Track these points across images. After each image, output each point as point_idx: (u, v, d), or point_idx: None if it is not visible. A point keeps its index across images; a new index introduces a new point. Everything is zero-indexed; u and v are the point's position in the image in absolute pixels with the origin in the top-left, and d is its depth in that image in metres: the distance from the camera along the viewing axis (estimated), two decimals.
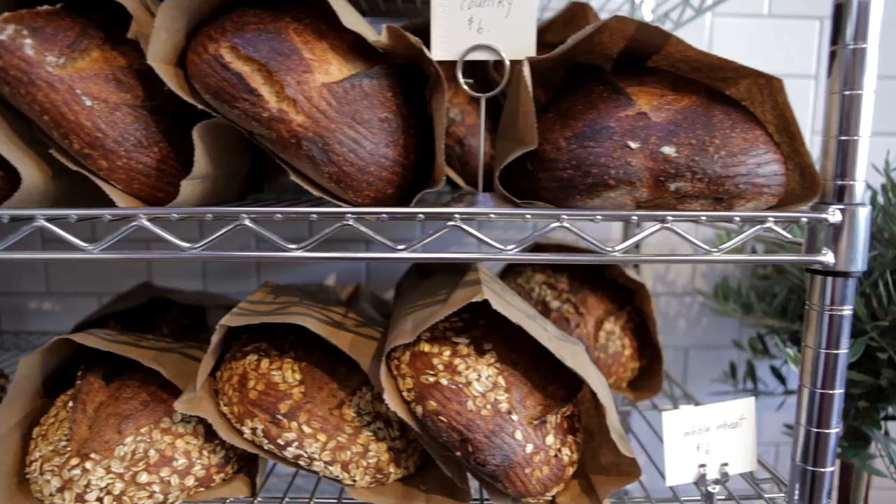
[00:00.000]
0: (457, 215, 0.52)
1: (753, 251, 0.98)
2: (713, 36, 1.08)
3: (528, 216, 0.52)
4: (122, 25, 0.58)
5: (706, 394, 1.16)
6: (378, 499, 0.60)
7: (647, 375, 0.88)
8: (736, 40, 1.09)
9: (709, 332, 1.16)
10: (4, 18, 0.54)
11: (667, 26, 0.97)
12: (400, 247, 0.52)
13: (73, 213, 0.53)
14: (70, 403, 0.64)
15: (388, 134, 0.54)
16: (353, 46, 0.56)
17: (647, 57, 0.60)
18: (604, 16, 0.94)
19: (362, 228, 0.52)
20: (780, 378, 0.97)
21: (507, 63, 0.55)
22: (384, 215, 0.52)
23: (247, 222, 0.52)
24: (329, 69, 0.53)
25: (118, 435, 0.61)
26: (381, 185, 0.55)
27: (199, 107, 0.53)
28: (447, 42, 0.55)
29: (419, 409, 0.57)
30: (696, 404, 0.90)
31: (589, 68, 0.60)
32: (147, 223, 0.53)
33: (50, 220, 0.53)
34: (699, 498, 0.64)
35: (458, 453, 0.56)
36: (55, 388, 0.69)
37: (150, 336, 0.74)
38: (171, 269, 1.14)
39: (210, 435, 0.64)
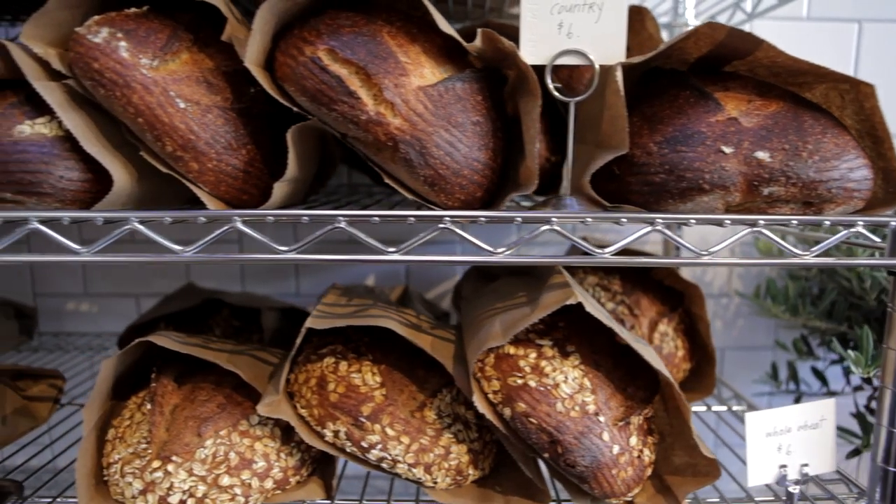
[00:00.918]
0: (553, 219, 0.52)
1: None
2: None
3: (624, 220, 0.53)
4: (208, 28, 0.58)
5: (747, 395, 1.17)
6: (456, 500, 0.61)
7: (696, 377, 0.89)
8: (774, 43, 1.09)
9: (745, 333, 1.17)
10: (97, 21, 0.54)
11: None
12: (500, 249, 0.52)
13: (167, 215, 0.53)
14: (148, 406, 0.63)
15: (480, 137, 0.55)
16: (442, 50, 0.56)
17: (725, 61, 0.60)
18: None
19: (458, 231, 0.52)
20: (823, 379, 0.98)
21: (597, 68, 0.55)
22: (482, 218, 0.52)
23: (343, 225, 0.52)
24: (423, 72, 0.53)
25: (198, 438, 0.61)
26: (472, 189, 0.55)
27: (295, 109, 0.53)
28: (536, 46, 0.55)
29: (507, 411, 0.57)
30: (750, 405, 0.91)
31: (670, 73, 0.60)
32: (241, 225, 0.53)
33: (142, 221, 0.53)
34: (772, 498, 0.65)
35: (547, 454, 0.57)
36: (121, 390, 0.69)
37: (215, 338, 0.74)
38: (210, 270, 1.14)
39: (286, 437, 0.64)
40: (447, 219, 0.52)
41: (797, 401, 0.99)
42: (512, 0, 0.94)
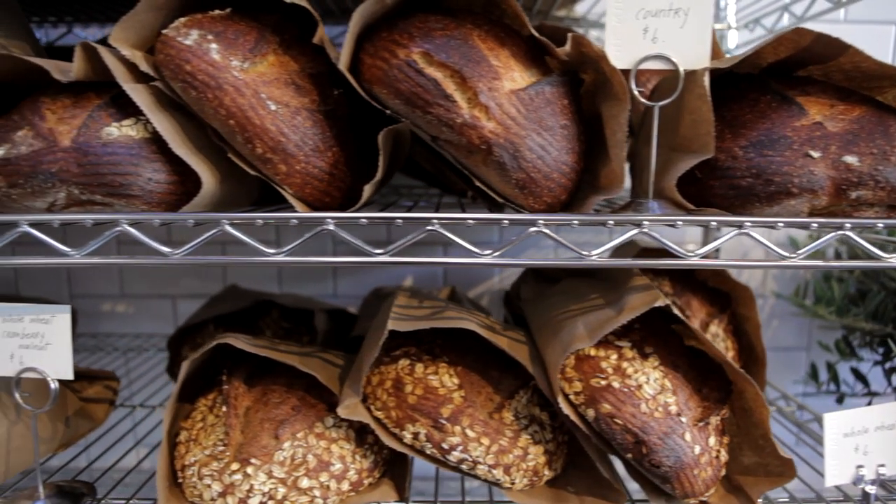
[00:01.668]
0: (646, 222, 0.52)
1: (837, 255, 1.00)
2: None
3: (714, 223, 0.53)
4: (293, 29, 0.58)
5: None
6: (532, 501, 0.61)
7: None
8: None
9: (779, 333, 1.18)
10: (184, 24, 0.54)
11: (758, 32, 0.99)
12: (594, 252, 0.52)
13: (259, 216, 0.53)
14: (224, 408, 0.63)
15: (568, 141, 0.55)
16: (528, 53, 0.56)
17: (800, 66, 0.61)
18: None
19: (552, 235, 0.52)
20: (864, 380, 0.99)
21: (682, 73, 0.55)
22: (575, 221, 0.52)
23: (437, 227, 0.52)
24: (513, 76, 0.54)
25: (275, 440, 0.61)
26: (559, 192, 0.55)
27: (387, 112, 0.53)
28: (621, 50, 0.56)
29: (590, 413, 0.58)
30: (800, 406, 0.91)
31: (746, 77, 0.61)
32: (333, 227, 0.53)
33: (233, 224, 0.53)
34: (841, 498, 0.65)
35: (630, 455, 0.57)
36: (185, 392, 0.69)
37: (278, 340, 0.74)
38: (247, 272, 1.13)
39: (360, 439, 0.64)
40: (541, 222, 0.52)
41: (839, 402, 1.00)
42: (561, 3, 0.94)
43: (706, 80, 0.54)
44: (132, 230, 0.53)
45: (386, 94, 0.53)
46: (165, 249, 0.53)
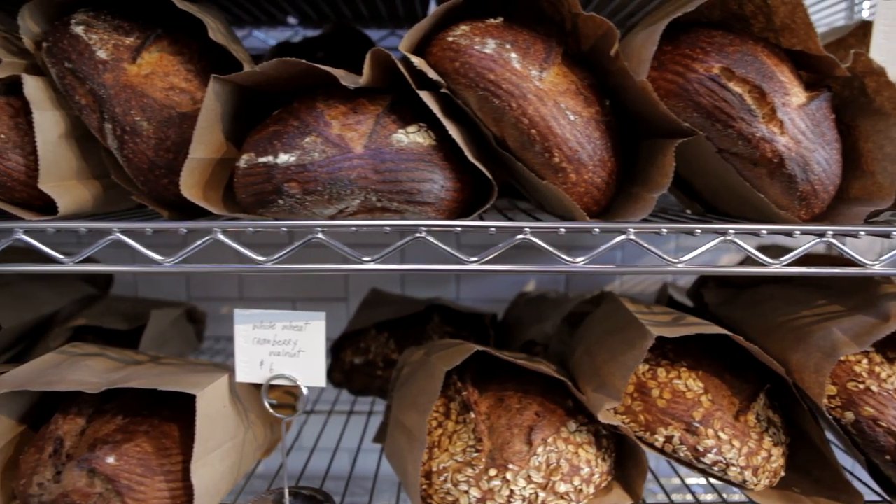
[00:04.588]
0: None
1: None
2: None
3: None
4: (566, 40, 0.59)
5: None
6: (770, 502, 0.63)
7: None
8: None
9: None
10: (473, 31, 0.54)
11: None
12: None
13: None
14: (470, 414, 0.64)
15: (839, 153, 0.57)
16: (794, 68, 0.58)
17: None
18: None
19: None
20: None
21: None
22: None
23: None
24: (797, 91, 0.55)
25: (528, 446, 0.62)
26: (826, 202, 0.58)
27: (686, 127, 0.54)
28: (889, 67, 0.58)
29: (848, 415, 0.60)
30: None
31: None
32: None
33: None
34: None
35: (888, 457, 0.59)
36: None
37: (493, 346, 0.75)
38: (369, 276, 1.13)
39: (598, 443, 0.65)
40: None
41: None
42: None
43: None
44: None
45: (683, 107, 0.54)
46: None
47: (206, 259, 0.54)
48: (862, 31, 0.87)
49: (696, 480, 1.02)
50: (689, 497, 0.96)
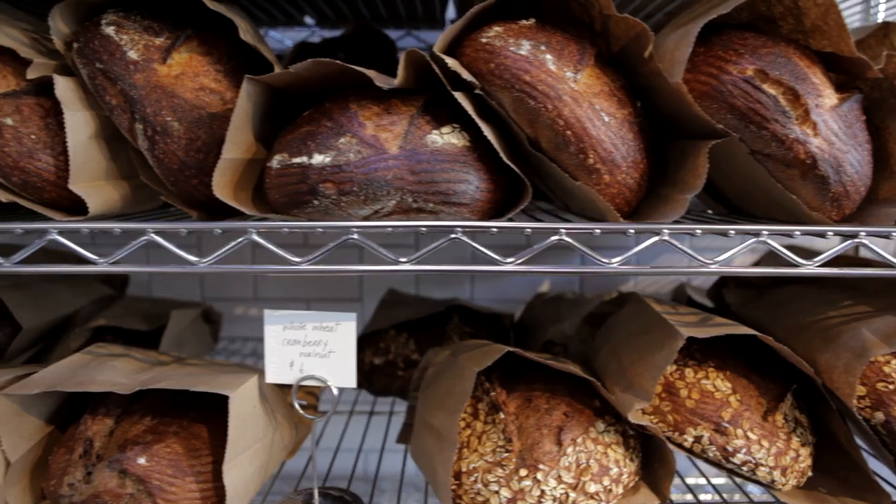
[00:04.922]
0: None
1: None
2: None
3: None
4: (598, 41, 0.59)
5: None
6: (797, 502, 0.63)
7: None
8: None
9: None
10: (506, 32, 0.54)
11: None
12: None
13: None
14: (500, 414, 0.64)
15: (870, 155, 0.58)
16: (826, 70, 0.58)
17: None
18: None
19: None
20: None
21: None
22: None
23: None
24: (828, 93, 0.56)
25: (558, 446, 0.62)
26: (857, 203, 0.58)
27: (719, 128, 0.54)
28: None
29: (878, 415, 0.60)
30: None
31: None
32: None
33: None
34: None
35: None
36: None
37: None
38: (382, 278, 1.13)
39: (626, 443, 0.65)
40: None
41: None
42: None
43: None
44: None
45: (716, 109, 0.55)
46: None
47: (229, 260, 0.54)
48: (882, 32, 0.87)
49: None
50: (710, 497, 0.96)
